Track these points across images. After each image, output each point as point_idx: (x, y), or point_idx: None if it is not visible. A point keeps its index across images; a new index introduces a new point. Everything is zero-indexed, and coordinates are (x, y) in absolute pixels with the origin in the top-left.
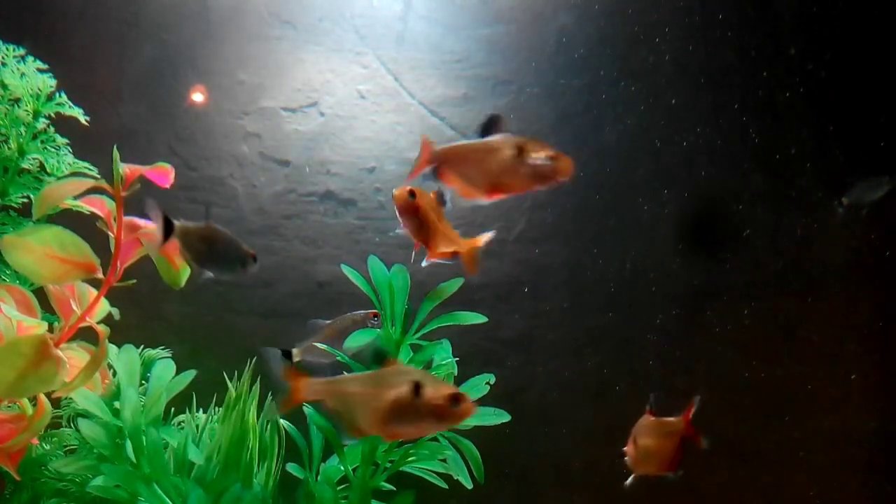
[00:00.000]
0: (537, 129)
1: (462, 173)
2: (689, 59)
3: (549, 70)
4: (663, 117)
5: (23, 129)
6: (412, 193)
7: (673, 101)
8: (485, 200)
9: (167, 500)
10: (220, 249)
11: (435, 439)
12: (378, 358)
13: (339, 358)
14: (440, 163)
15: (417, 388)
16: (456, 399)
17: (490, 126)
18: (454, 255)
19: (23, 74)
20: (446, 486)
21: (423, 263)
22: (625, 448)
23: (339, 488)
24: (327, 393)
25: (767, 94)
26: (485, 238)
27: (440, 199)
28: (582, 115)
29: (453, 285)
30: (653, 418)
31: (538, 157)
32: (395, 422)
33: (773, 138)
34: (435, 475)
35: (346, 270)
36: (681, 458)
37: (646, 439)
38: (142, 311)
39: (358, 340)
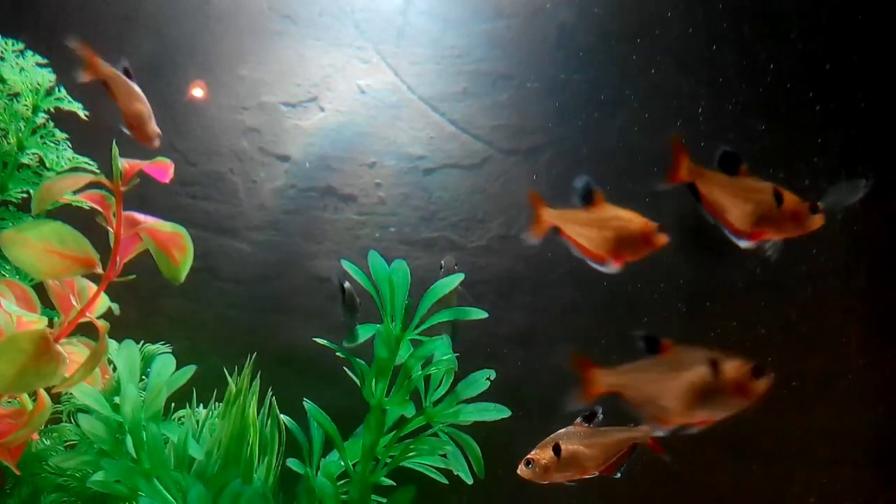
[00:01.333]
0: (538, 125)
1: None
2: (691, 53)
3: (549, 65)
4: (664, 112)
5: (22, 124)
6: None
7: (674, 96)
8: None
9: (167, 495)
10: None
11: (435, 434)
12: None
13: (338, 352)
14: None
15: (715, 366)
16: (757, 371)
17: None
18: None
19: (22, 69)
20: (447, 482)
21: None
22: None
23: (339, 483)
24: (623, 384)
25: (769, 90)
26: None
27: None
28: (583, 109)
29: (454, 280)
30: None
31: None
32: (699, 403)
33: (775, 134)
34: (435, 470)
35: (346, 265)
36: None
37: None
38: (142, 307)
39: (362, 334)
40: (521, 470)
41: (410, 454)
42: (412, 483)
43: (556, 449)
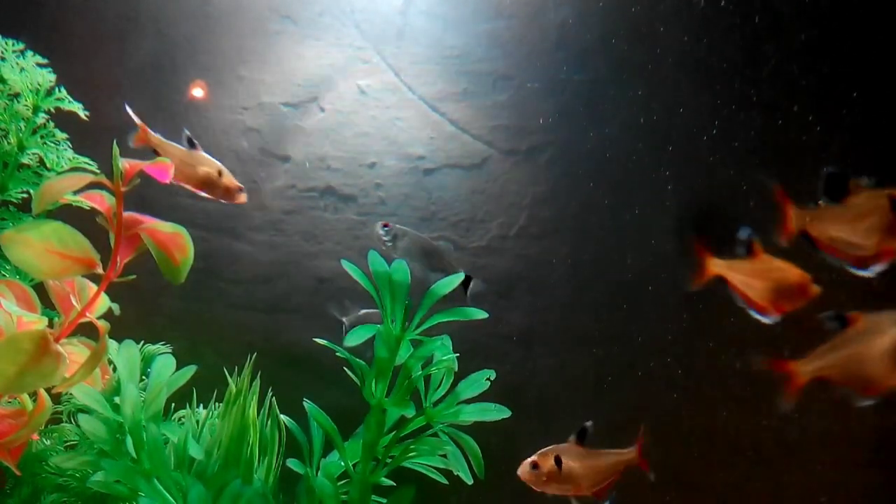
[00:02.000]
0: (538, 125)
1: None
2: (691, 53)
3: (549, 65)
4: (665, 112)
5: (22, 124)
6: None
7: (675, 97)
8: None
9: (167, 495)
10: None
11: (435, 435)
12: None
13: (338, 353)
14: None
15: None
16: None
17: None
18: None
19: (22, 69)
20: (447, 482)
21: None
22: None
23: (339, 483)
24: (824, 367)
25: (770, 89)
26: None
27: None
28: (583, 110)
29: (454, 280)
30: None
31: None
32: None
33: (776, 133)
34: (435, 470)
35: (347, 266)
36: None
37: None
38: (142, 307)
39: (360, 336)
40: (524, 471)
41: (410, 454)
42: (412, 483)
43: (558, 461)
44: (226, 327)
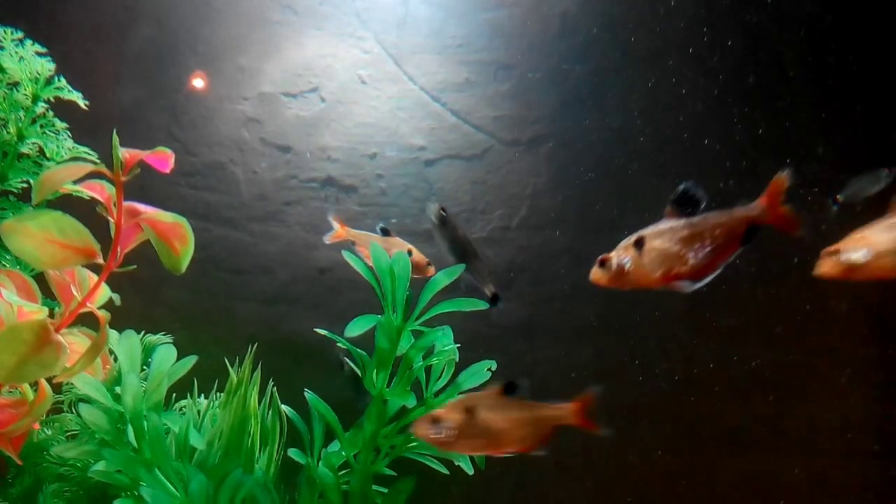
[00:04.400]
0: (540, 115)
1: None
2: (694, 43)
3: (551, 55)
4: (667, 103)
5: (22, 114)
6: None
7: (677, 87)
8: None
9: (169, 485)
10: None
11: None
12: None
13: (339, 343)
14: None
15: None
16: None
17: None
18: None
19: (21, 58)
20: (448, 472)
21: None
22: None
23: (340, 473)
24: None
25: (773, 79)
26: None
27: None
28: (585, 100)
29: (455, 271)
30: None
31: None
32: None
33: (780, 123)
34: (436, 461)
35: (347, 256)
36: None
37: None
38: (143, 297)
39: (360, 326)
40: (421, 426)
41: (411, 444)
42: (413, 473)
43: (470, 410)
44: (227, 318)
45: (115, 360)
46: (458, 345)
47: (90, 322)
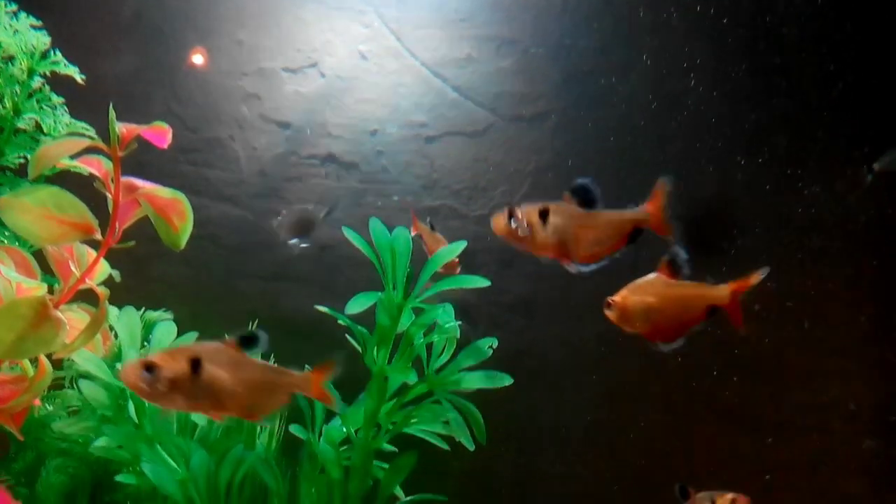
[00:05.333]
0: (542, 91)
1: None
2: (699, 17)
3: (554, 30)
4: (672, 78)
5: (17, 88)
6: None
7: (682, 61)
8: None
9: (170, 460)
10: None
11: (437, 402)
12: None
13: (340, 320)
14: None
15: None
16: None
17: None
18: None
19: (16, 31)
20: (448, 448)
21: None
22: None
23: (341, 449)
24: None
25: (782, 53)
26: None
27: (675, 264)
28: (588, 75)
29: (456, 248)
30: None
31: None
32: None
33: (789, 96)
34: (437, 437)
35: (348, 233)
36: None
37: None
38: (144, 274)
39: (361, 303)
40: (129, 373)
41: (412, 421)
42: (414, 449)
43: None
44: (227, 295)
45: (116, 336)
46: (460, 322)
47: (90, 298)
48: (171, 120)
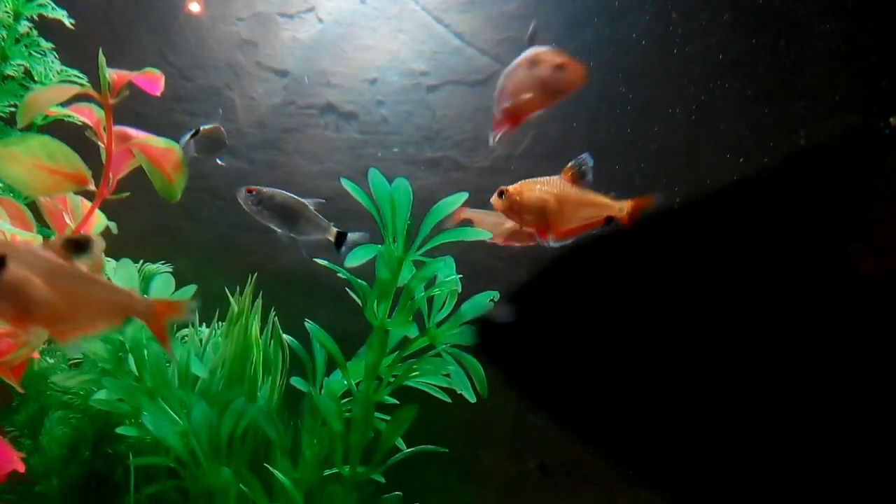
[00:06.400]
0: (548, 37)
1: None
2: None
3: None
4: (680, 21)
5: (4, 33)
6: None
7: (691, 5)
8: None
9: (171, 412)
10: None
11: (438, 355)
12: None
13: (340, 273)
14: None
15: None
16: None
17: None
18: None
19: None
20: (450, 400)
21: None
22: None
23: (342, 402)
24: None
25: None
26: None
27: (580, 173)
28: (595, 20)
29: (457, 200)
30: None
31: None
32: None
33: (800, 47)
34: (439, 389)
35: (346, 184)
36: None
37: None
38: (141, 226)
39: (360, 256)
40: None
41: (413, 374)
42: (416, 402)
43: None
44: (227, 247)
45: None
46: (461, 276)
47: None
48: (166, 68)
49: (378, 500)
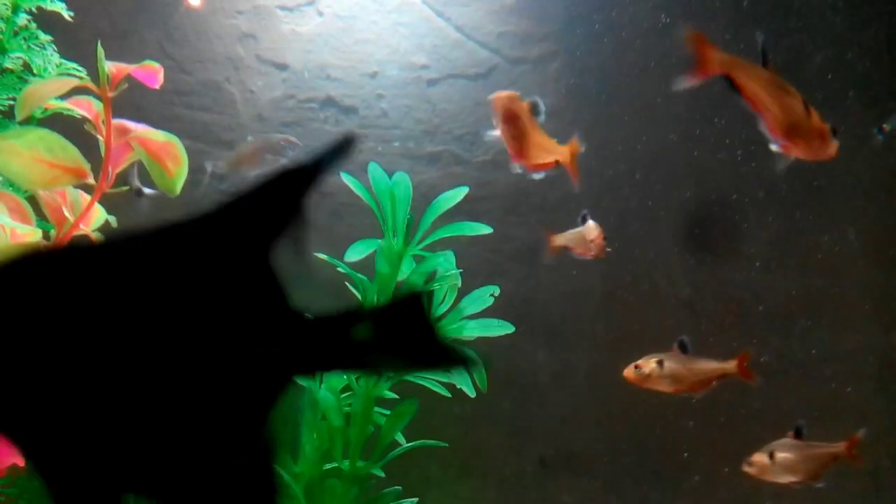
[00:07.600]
0: (549, 31)
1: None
2: None
3: None
4: (684, 15)
5: (2, 25)
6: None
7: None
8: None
9: None
10: None
11: None
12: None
13: (339, 267)
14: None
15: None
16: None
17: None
18: (555, 164)
19: None
20: (449, 395)
21: (519, 170)
22: None
23: (342, 396)
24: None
25: None
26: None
27: (535, 109)
28: (594, 14)
29: (457, 194)
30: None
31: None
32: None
33: (800, 36)
34: (439, 384)
35: (346, 178)
36: None
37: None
38: (142, 220)
39: (360, 250)
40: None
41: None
42: (415, 397)
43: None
44: None
45: None
46: (461, 270)
47: None
48: (165, 61)
49: (378, 494)
